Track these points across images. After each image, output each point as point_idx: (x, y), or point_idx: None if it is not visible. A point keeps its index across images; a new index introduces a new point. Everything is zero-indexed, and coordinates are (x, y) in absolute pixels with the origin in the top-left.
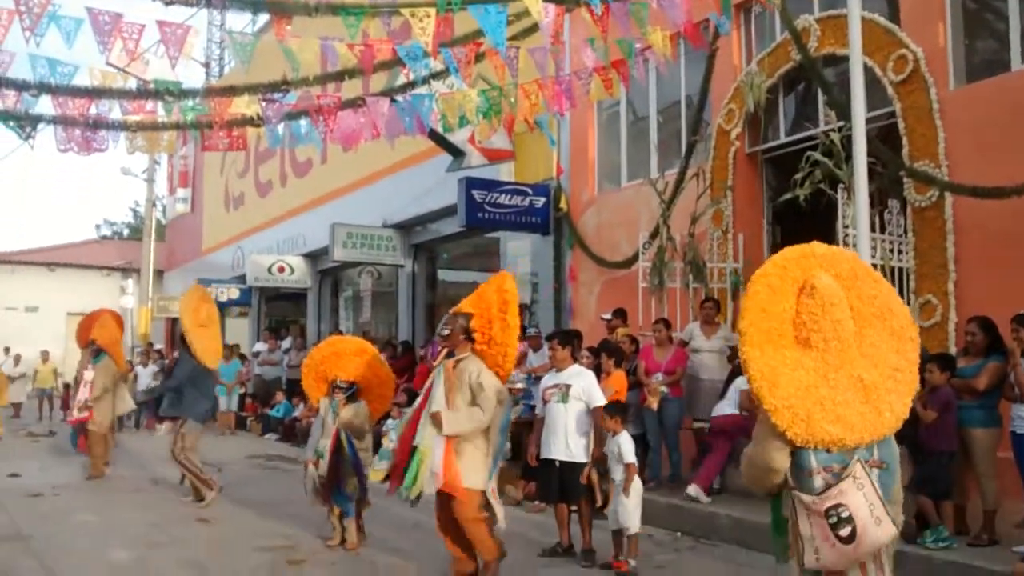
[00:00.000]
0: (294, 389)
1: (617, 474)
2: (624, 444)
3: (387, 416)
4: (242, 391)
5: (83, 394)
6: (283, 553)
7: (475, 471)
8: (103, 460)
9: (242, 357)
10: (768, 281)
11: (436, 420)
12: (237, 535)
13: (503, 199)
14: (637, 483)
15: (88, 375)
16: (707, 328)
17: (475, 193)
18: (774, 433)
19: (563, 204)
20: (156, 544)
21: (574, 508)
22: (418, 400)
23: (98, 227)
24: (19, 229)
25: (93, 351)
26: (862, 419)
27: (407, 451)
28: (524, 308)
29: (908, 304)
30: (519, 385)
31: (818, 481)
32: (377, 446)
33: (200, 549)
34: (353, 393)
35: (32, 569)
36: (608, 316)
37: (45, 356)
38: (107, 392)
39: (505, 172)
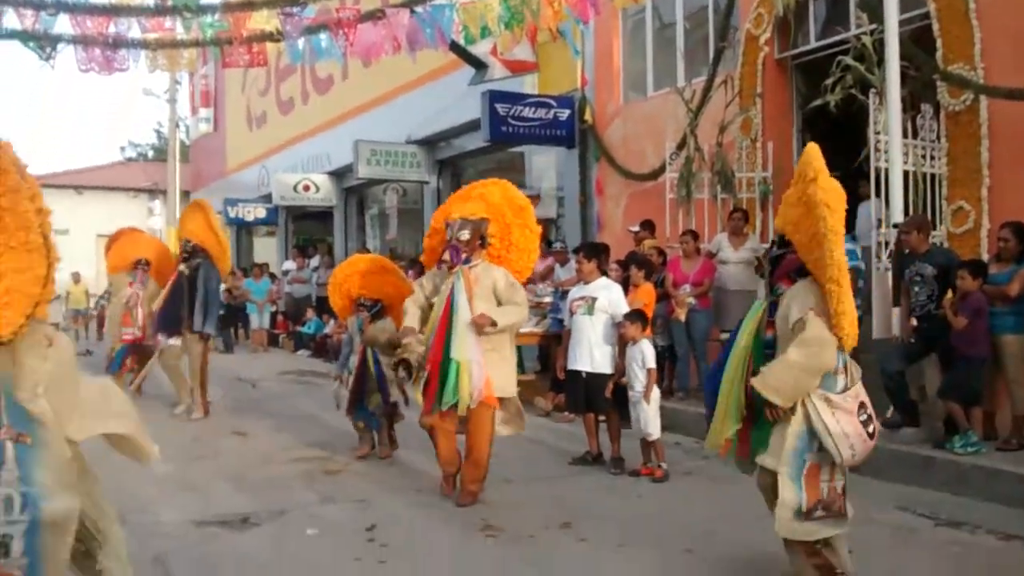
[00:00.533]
0: (324, 306)
1: (638, 382)
2: (647, 350)
3: None
4: (273, 309)
5: (139, 313)
6: (319, 464)
7: (506, 379)
8: (145, 379)
9: (272, 276)
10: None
11: (481, 322)
12: (273, 448)
13: (527, 112)
14: (656, 390)
15: (142, 294)
16: (735, 239)
17: (498, 107)
18: (831, 337)
19: (588, 116)
20: (197, 457)
21: (602, 418)
22: (438, 312)
23: (123, 149)
24: (46, 152)
25: (145, 271)
26: None
27: (438, 364)
28: (550, 223)
29: (940, 211)
30: (547, 299)
31: (840, 381)
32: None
33: (239, 461)
34: (378, 310)
35: None
36: (636, 228)
37: (76, 278)
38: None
39: (529, 84)
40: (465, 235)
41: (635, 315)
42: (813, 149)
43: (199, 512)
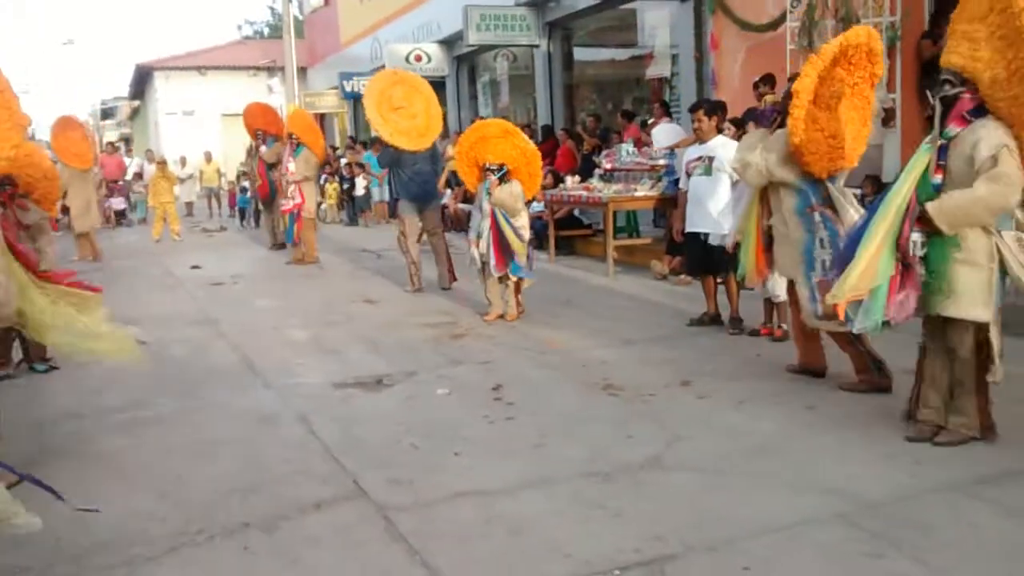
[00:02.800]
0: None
1: None
2: None
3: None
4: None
5: (291, 187)
6: (446, 328)
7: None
8: (313, 246)
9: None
10: None
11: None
12: (402, 314)
13: None
14: None
15: (291, 167)
16: None
17: None
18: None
19: None
20: (330, 323)
21: (720, 280)
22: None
23: (240, 28)
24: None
25: (293, 144)
26: None
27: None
28: (664, 82)
29: None
30: (661, 161)
31: (1012, 222)
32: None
33: (370, 327)
34: (504, 174)
35: (223, 349)
36: (757, 82)
37: (208, 157)
38: (309, 181)
39: None
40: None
41: None
42: None
43: (337, 374)
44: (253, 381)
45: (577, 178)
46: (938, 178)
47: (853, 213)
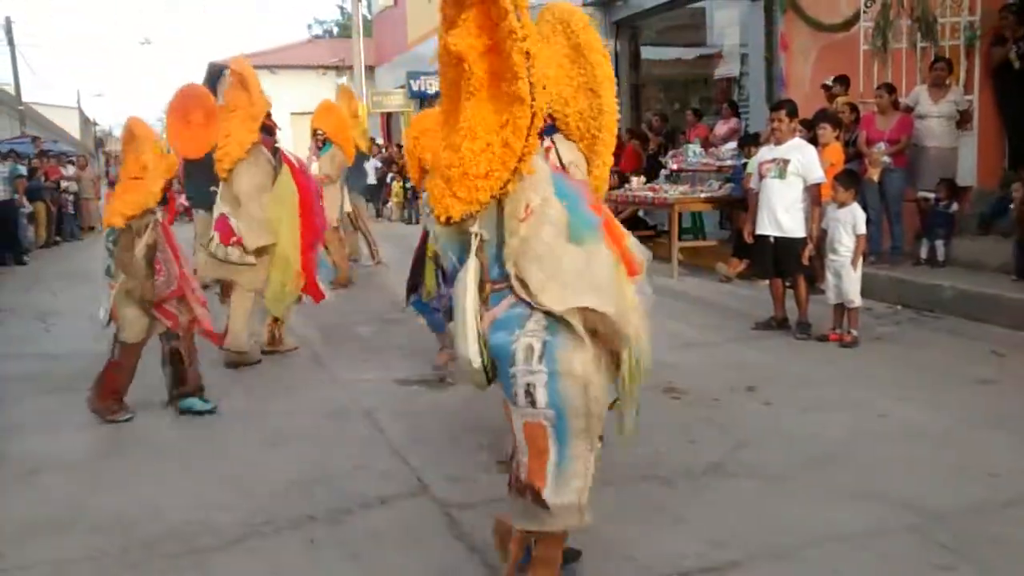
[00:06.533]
0: None
1: (842, 247)
2: (859, 215)
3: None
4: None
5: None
6: None
7: None
8: (343, 262)
9: None
10: None
11: None
12: None
13: None
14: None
15: (314, 167)
16: (935, 91)
17: None
18: None
19: None
20: (393, 320)
21: (788, 284)
22: None
23: (309, 27)
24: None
25: (319, 140)
26: None
27: None
28: (733, 82)
29: None
30: (729, 162)
31: None
32: None
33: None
34: None
35: (291, 344)
36: (829, 83)
37: None
38: (332, 183)
39: None
40: None
41: (848, 177)
42: None
43: (401, 371)
44: (320, 376)
45: (642, 178)
46: None
47: None
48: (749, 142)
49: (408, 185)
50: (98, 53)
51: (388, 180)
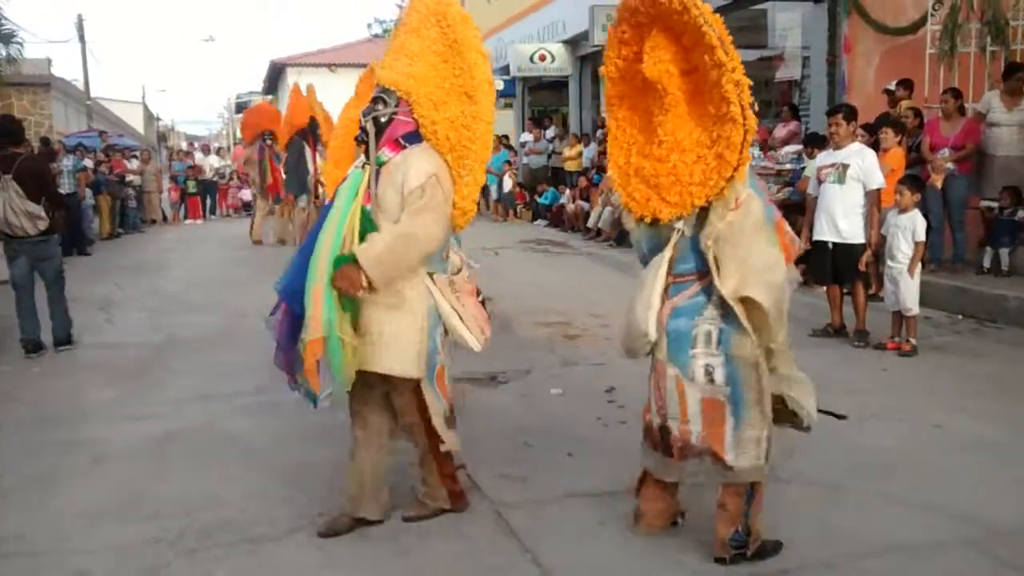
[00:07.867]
0: (559, 177)
1: (901, 254)
2: (919, 222)
3: None
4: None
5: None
6: (559, 328)
7: None
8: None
9: (509, 147)
10: None
11: None
12: (517, 312)
13: None
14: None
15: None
16: (1010, 99)
17: None
18: None
19: None
20: None
21: (847, 290)
22: None
23: (369, 26)
24: (299, 32)
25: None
26: None
27: None
28: (794, 84)
29: None
30: (788, 166)
31: None
32: None
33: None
34: None
35: None
36: (891, 87)
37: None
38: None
39: None
40: None
41: (911, 182)
42: None
43: (451, 368)
44: None
45: None
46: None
47: None
48: (814, 143)
49: None
50: (162, 49)
51: None
